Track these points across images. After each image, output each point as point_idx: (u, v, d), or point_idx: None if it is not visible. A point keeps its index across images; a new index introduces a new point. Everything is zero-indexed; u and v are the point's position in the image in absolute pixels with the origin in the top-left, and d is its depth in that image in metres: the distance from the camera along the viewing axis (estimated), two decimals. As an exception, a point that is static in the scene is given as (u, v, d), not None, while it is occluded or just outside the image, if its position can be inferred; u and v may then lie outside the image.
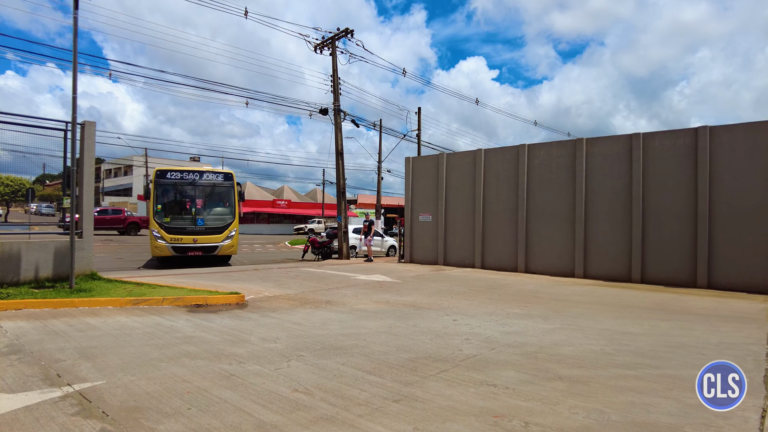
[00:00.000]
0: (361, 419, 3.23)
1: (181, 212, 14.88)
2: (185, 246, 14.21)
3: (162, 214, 14.29)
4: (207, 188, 15.31)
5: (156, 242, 13.97)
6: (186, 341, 5.26)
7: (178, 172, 14.98)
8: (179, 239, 14.16)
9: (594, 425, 3.16)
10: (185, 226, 14.50)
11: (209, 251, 14.63)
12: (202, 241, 14.50)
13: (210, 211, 15.16)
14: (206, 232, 14.67)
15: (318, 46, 21.13)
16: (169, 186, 14.78)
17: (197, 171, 15.33)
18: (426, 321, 6.53)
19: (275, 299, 8.17)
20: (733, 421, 3.25)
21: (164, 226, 14.12)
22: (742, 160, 10.18)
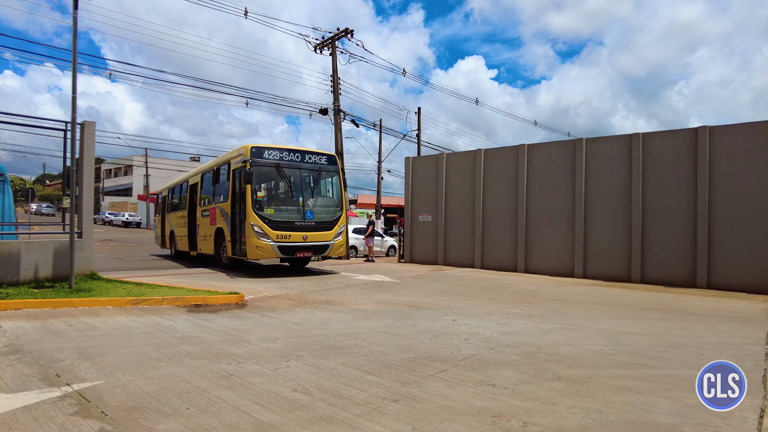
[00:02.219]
0: (359, 419, 3.24)
1: (287, 202, 11.71)
2: (294, 245, 11.15)
3: (262, 205, 11.09)
4: (313, 172, 12.24)
5: (258, 241, 10.73)
6: (185, 341, 5.26)
7: (277, 151, 11.64)
8: (287, 237, 11.06)
9: (592, 425, 3.16)
10: (293, 220, 11.38)
11: (319, 251, 11.76)
12: (312, 238, 11.49)
13: (317, 201, 12.19)
14: (316, 227, 11.65)
15: (318, 46, 21.14)
16: (268, 168, 11.42)
17: (299, 150, 12.13)
18: (425, 321, 6.53)
19: (275, 299, 8.17)
20: (731, 421, 3.25)
21: (267, 219, 10.88)
22: (741, 160, 10.18)
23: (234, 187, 11.65)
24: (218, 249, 12.84)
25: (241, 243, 11.15)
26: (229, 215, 11.72)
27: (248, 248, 10.84)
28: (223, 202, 12.26)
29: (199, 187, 14.82)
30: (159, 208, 20.89)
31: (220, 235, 12.58)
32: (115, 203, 63.30)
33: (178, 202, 17.53)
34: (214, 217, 12.86)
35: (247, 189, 10.82)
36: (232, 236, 11.58)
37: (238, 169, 11.37)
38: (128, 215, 52.33)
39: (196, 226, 14.82)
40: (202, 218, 14.13)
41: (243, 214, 11.08)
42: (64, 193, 8.84)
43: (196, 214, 14.81)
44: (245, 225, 10.88)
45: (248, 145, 11.26)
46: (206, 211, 13.69)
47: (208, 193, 13.96)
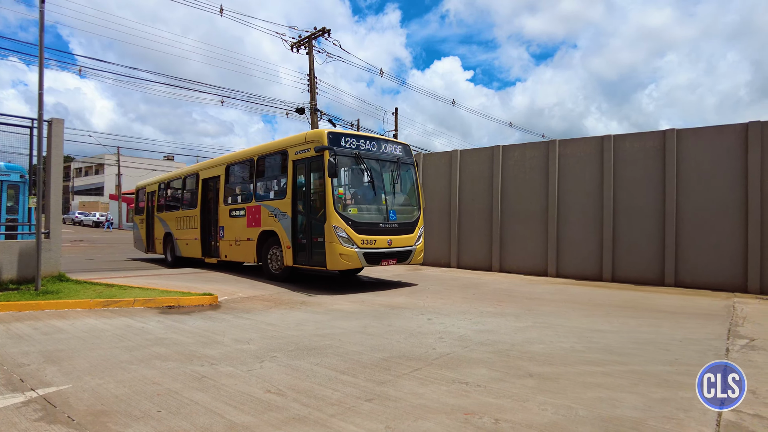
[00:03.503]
0: (333, 419, 3.24)
1: (370, 200, 9.76)
2: (379, 252, 9.29)
3: (344, 203, 9.29)
4: (392, 164, 10.26)
5: (342, 247, 8.78)
6: (157, 343, 5.18)
7: (354, 138, 9.68)
8: (372, 242, 9.17)
9: (562, 421, 3.23)
10: (378, 222, 9.54)
11: (403, 258, 9.91)
12: (396, 243, 9.64)
13: (399, 198, 10.32)
14: (399, 230, 9.86)
15: (294, 45, 21.02)
16: (348, 159, 9.43)
17: (375, 138, 10.35)
18: (401, 320, 6.56)
19: (249, 300, 8.10)
20: (693, 414, 3.37)
21: (351, 222, 9.00)
22: (706, 161, 10.51)
23: (295, 182, 9.77)
24: (263, 256, 10.75)
25: (314, 250, 9.24)
26: (288, 216, 9.78)
27: (329, 256, 8.84)
28: (276, 199, 10.30)
29: (221, 182, 12.46)
30: (143, 205, 17.69)
31: (267, 239, 10.63)
32: (86, 203, 61.72)
33: (180, 199, 15.05)
34: (257, 217, 10.83)
35: (327, 184, 8.80)
36: (294, 242, 9.66)
37: (305, 160, 9.52)
38: (99, 215, 51.04)
39: (218, 228, 12.49)
40: (230, 219, 11.89)
41: (316, 214, 9.24)
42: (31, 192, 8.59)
43: (218, 214, 12.49)
44: (325, 228, 8.89)
45: (323, 130, 9.31)
46: (239, 211, 11.58)
47: (244, 188, 11.91)
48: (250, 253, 11.17)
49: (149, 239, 17.02)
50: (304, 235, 9.52)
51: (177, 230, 14.79)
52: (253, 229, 10.93)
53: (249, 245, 11.19)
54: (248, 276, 11.46)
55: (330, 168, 8.72)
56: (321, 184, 9.08)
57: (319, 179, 9.22)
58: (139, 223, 18.09)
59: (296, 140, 9.94)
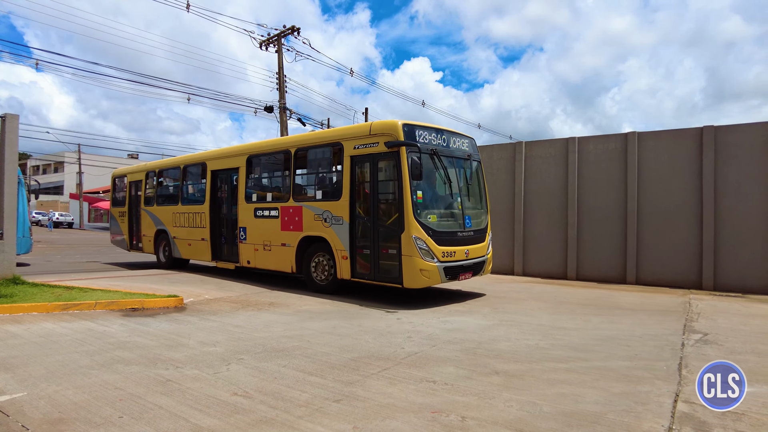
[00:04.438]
0: (300, 420, 3.23)
1: (446, 206, 8.43)
2: (458, 265, 7.99)
3: (422, 209, 7.75)
4: (464, 162, 8.92)
5: (422, 262, 7.45)
6: (120, 347, 5.04)
7: (428, 132, 8.18)
8: (452, 254, 7.88)
9: (527, 417, 3.31)
10: (455, 230, 8.22)
11: (477, 270, 8.59)
12: (473, 254, 8.40)
13: (470, 202, 8.90)
14: (474, 238, 8.58)
15: (263, 43, 20.77)
16: (425, 157, 7.91)
17: (446, 131, 8.71)
18: (371, 320, 6.57)
19: (216, 302, 7.96)
20: (650, 406, 3.50)
21: (431, 231, 7.64)
22: (665, 163, 10.91)
23: (353, 181, 8.32)
24: (306, 266, 9.26)
25: (383, 263, 7.90)
26: (344, 221, 8.33)
27: (407, 272, 7.51)
28: (327, 200, 8.84)
29: (241, 175, 10.68)
30: (123, 196, 15.27)
31: (310, 246, 9.16)
32: (44, 202, 59.41)
33: (180, 192, 12.99)
34: (296, 220, 9.30)
35: (406, 187, 7.48)
36: (353, 251, 8.24)
37: (369, 156, 8.09)
38: (59, 215, 49.19)
39: (237, 229, 10.75)
40: (256, 220, 10.24)
41: (385, 221, 7.91)
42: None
43: (237, 213, 10.76)
44: (402, 239, 7.52)
45: (396, 122, 7.82)
46: (268, 210, 10.02)
47: (277, 185, 10.39)
48: (286, 261, 9.54)
49: (133, 236, 14.74)
50: (368, 244, 8.07)
51: (175, 228, 12.76)
52: (291, 233, 9.42)
53: (284, 252, 9.56)
54: (226, 278, 11.26)
55: (414, 168, 7.50)
56: (395, 186, 7.75)
57: (391, 180, 7.91)
58: (118, 216, 15.50)
59: (356, 132, 8.45)
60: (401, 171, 7.56)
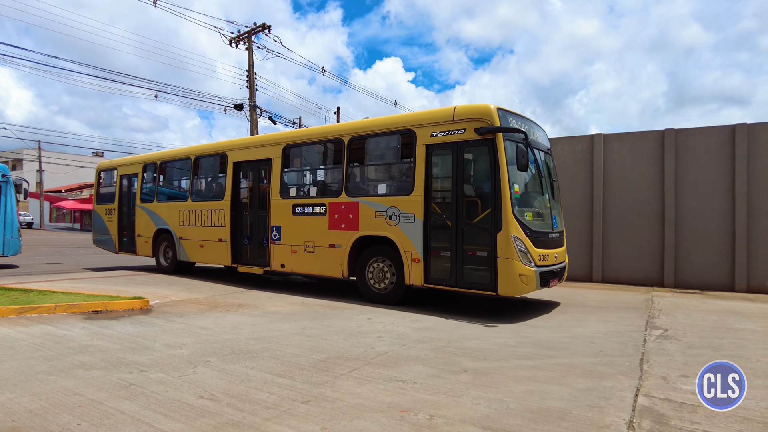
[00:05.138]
0: (268, 422, 3.19)
1: (537, 203, 7.66)
2: (548, 270, 7.20)
3: (519, 205, 6.92)
4: (548, 156, 8.27)
5: (520, 265, 6.60)
6: (81, 351, 4.88)
7: (517, 119, 7.38)
8: (545, 257, 7.13)
9: (494, 414, 3.35)
10: (547, 231, 7.51)
11: (561, 276, 7.84)
12: (559, 257, 7.74)
13: (554, 200, 8.10)
14: (559, 240, 7.90)
15: (233, 40, 20.47)
16: (520, 147, 6.84)
17: (528, 120, 7.79)
18: (341, 321, 6.55)
19: (183, 303, 7.80)
20: (612, 401, 3.59)
21: (529, 231, 6.83)
22: (629, 164, 11.23)
23: (429, 173, 7.40)
24: (360, 271, 8.21)
25: (468, 267, 6.97)
26: (416, 218, 7.37)
27: (503, 278, 6.60)
28: (393, 195, 7.84)
29: (275, 168, 9.51)
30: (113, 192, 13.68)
31: (368, 247, 8.14)
32: (2, 201, 56.98)
33: (191, 187, 11.52)
34: (350, 217, 8.21)
35: (503, 180, 6.60)
36: (427, 253, 7.32)
37: (451, 145, 7.17)
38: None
39: (269, 228, 9.51)
40: (295, 217, 9.06)
41: (472, 218, 7.02)
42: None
43: (269, 210, 9.53)
44: (498, 239, 6.60)
45: (488, 105, 6.93)
46: (312, 207, 8.84)
47: (325, 178, 9.40)
48: (334, 264, 8.45)
49: (125, 236, 13.20)
50: (449, 245, 7.11)
51: (182, 227, 11.35)
52: (343, 232, 8.32)
53: (334, 254, 8.44)
54: (194, 278, 11.03)
55: (511, 158, 6.71)
56: (487, 178, 6.91)
57: (482, 172, 7.13)
58: (104, 214, 13.85)
59: (434, 117, 7.47)
60: (498, 161, 6.66)
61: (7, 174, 13.29)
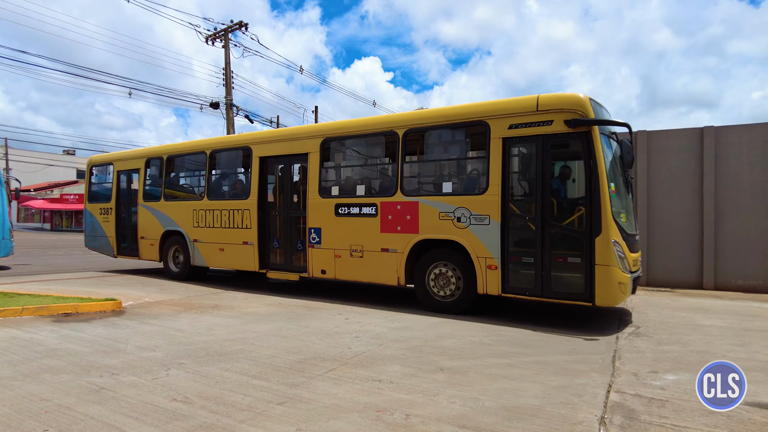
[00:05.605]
0: (242, 425, 3.15)
1: (623, 204, 6.86)
2: (636, 276, 6.67)
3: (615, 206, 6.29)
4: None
5: (620, 273, 5.99)
6: (49, 355, 4.75)
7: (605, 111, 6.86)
8: (636, 262, 6.75)
9: (469, 412, 3.38)
10: (635, 234, 7.06)
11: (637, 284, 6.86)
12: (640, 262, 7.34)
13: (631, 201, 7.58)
14: (638, 245, 7.26)
15: (210, 38, 20.19)
16: (613, 143, 6.75)
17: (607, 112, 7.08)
18: (318, 321, 6.52)
19: (157, 305, 7.65)
20: (585, 398, 3.66)
21: (624, 234, 6.30)
22: (603, 165, 11.45)
23: (505, 169, 6.66)
24: (420, 278, 7.39)
25: (556, 274, 6.29)
26: (491, 220, 6.64)
27: (601, 286, 5.93)
28: (461, 194, 7.09)
29: (313, 163, 8.51)
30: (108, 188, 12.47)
31: (426, 253, 7.37)
32: (-33, 201, 55.06)
33: (207, 184, 10.38)
34: (408, 219, 7.40)
35: (601, 176, 5.96)
36: (504, 260, 6.61)
37: (534, 139, 6.48)
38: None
39: (306, 230, 8.56)
40: (338, 218, 8.15)
41: (561, 220, 6.41)
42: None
43: (306, 210, 8.57)
44: (597, 244, 5.94)
45: (578, 95, 6.27)
46: (360, 207, 7.93)
47: (375, 174, 8.68)
48: (388, 270, 7.62)
49: (125, 238, 12.00)
50: (532, 250, 6.44)
51: (197, 229, 10.26)
52: (399, 235, 7.49)
53: (386, 259, 7.62)
54: (169, 279, 10.82)
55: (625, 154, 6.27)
56: (581, 176, 6.37)
57: (573, 168, 6.72)
58: (99, 214, 12.56)
59: (512, 107, 6.72)
60: (594, 157, 6.00)
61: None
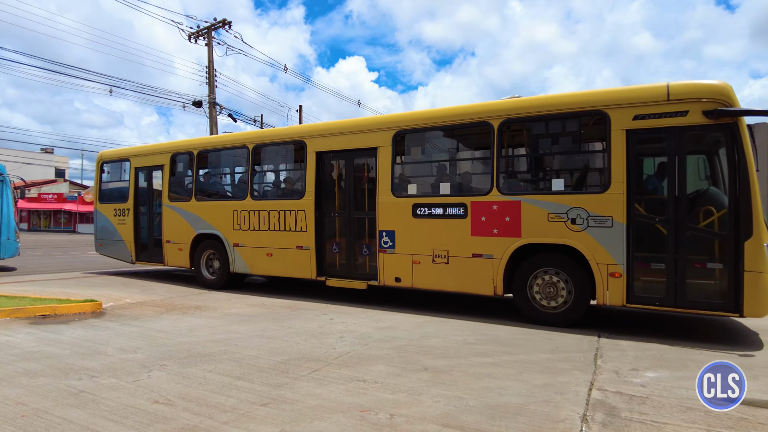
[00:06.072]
0: (226, 426, 3.12)
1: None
2: None
3: None
4: None
5: None
6: (25, 358, 4.65)
7: None
8: None
9: (453, 411, 3.39)
10: None
11: None
12: None
13: None
14: None
15: (193, 35, 19.97)
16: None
17: None
18: (302, 321, 6.48)
19: (138, 306, 7.54)
20: (568, 396, 3.70)
21: None
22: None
23: (629, 165, 6.00)
24: (520, 287, 6.63)
25: (696, 284, 5.72)
26: (614, 222, 5.97)
27: (752, 295, 5.35)
28: (580, 192, 6.45)
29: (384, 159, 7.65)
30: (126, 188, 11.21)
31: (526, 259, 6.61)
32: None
33: (255, 183, 9.55)
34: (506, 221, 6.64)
35: (750, 172, 5.44)
36: (629, 267, 5.92)
37: (663, 131, 5.88)
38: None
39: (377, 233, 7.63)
40: (417, 220, 7.29)
41: (696, 221, 5.78)
42: None
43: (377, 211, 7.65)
44: (746, 249, 5.34)
45: (718, 83, 5.67)
46: (444, 208, 7.12)
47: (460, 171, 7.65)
48: (482, 279, 6.80)
49: (145, 243, 10.84)
50: (665, 255, 5.78)
51: (238, 232, 9.23)
52: (495, 239, 6.70)
53: (480, 266, 6.80)
54: (150, 280, 10.66)
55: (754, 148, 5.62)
56: (724, 172, 5.75)
57: (715, 164, 6.10)
58: (112, 216, 11.34)
59: (637, 96, 6.04)
60: (742, 151, 5.41)
61: (3, 173, 12.42)
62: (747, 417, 3.28)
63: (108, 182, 12.02)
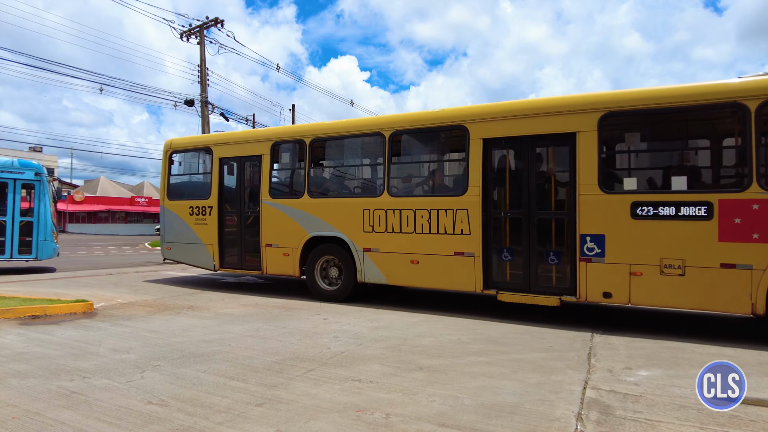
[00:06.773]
0: (221, 427, 3.10)
1: None
2: None
3: None
4: None
5: None
6: (15, 359, 4.59)
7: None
8: None
9: (449, 411, 3.40)
10: None
11: None
12: None
13: None
14: None
15: (185, 34, 19.84)
16: None
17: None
18: (296, 322, 6.46)
19: (130, 306, 7.48)
20: (562, 394, 3.72)
21: None
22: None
23: None
24: None
25: None
26: None
27: None
28: None
29: (586, 147, 6.32)
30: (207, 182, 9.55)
31: None
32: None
33: (392, 177, 7.91)
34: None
35: None
36: None
37: None
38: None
39: (576, 237, 6.30)
40: (639, 222, 6.01)
41: None
42: None
43: (577, 210, 6.33)
44: None
45: None
46: (684, 207, 5.81)
47: (694, 162, 6.47)
48: (733, 293, 5.54)
49: (233, 247, 9.33)
50: None
51: (370, 234, 7.80)
52: (755, 246, 5.44)
53: (728, 277, 5.55)
54: (142, 280, 10.57)
55: None
56: None
57: None
58: (188, 215, 9.69)
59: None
60: None
61: (41, 173, 12.09)
62: (739, 414, 3.31)
63: (179, 175, 10.40)
